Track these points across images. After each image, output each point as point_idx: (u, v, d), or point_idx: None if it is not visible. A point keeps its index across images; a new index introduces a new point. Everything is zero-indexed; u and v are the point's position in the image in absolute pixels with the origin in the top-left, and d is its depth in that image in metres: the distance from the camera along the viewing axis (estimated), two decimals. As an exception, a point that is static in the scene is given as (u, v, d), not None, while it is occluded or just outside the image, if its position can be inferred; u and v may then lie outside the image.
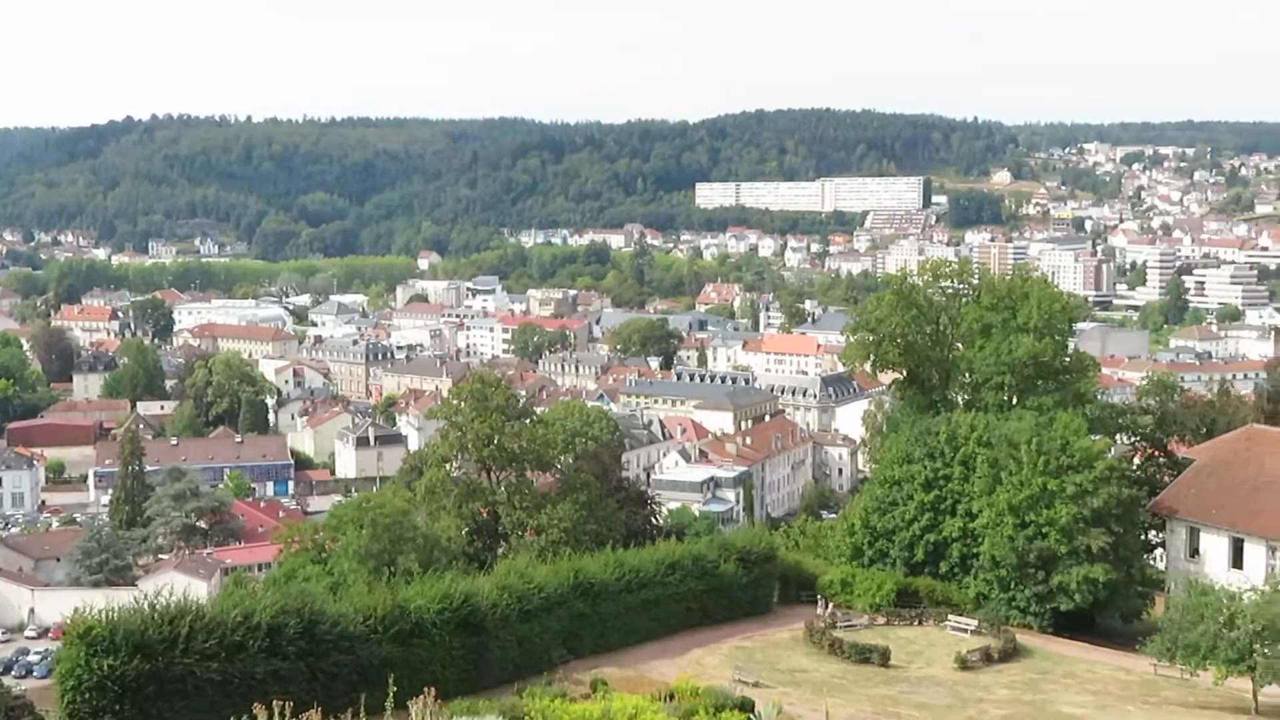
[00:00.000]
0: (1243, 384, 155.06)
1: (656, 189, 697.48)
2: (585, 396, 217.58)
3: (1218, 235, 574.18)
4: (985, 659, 55.22)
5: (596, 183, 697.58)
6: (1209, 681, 50.89)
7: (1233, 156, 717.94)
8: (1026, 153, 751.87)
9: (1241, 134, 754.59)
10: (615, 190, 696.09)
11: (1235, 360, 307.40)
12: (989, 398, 72.39)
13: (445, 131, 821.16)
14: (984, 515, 62.50)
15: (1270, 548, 63.14)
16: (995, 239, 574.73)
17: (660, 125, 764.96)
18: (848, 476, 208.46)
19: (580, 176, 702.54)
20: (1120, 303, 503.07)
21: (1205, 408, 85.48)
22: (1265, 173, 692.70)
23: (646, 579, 54.36)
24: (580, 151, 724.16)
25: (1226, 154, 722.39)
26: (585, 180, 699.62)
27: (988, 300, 75.15)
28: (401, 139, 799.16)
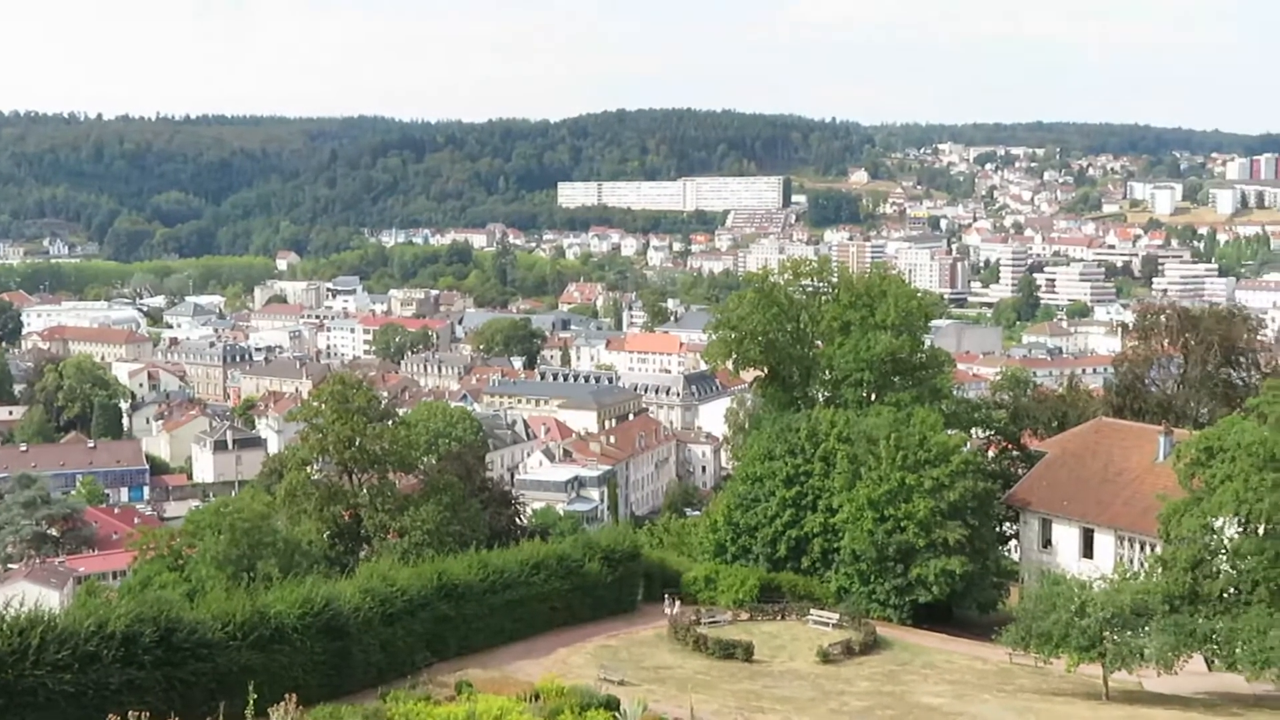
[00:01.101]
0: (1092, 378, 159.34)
1: (518, 188, 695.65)
2: (448, 397, 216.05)
3: (1067, 234, 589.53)
4: (846, 652, 55.97)
5: (458, 182, 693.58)
6: (1062, 669, 52.15)
7: (1080, 157, 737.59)
8: (883, 153, 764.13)
9: (1088, 135, 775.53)
10: (477, 189, 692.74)
11: (1085, 355, 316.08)
12: (848, 394, 73.39)
13: (303, 130, 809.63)
14: (844, 510, 63.38)
15: (1119, 537, 65.01)
16: (854, 238, 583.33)
17: (522, 124, 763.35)
18: (711, 474, 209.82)
19: (441, 176, 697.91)
20: (975, 300, 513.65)
21: (1056, 402, 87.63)
22: (1111, 173, 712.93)
23: (511, 579, 54.13)
24: (441, 150, 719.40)
25: (1074, 154, 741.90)
26: (447, 179, 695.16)
27: (846, 298, 76.15)
28: (258, 137, 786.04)
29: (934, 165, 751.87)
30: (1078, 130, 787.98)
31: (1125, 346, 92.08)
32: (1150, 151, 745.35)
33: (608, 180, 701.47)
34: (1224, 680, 53.96)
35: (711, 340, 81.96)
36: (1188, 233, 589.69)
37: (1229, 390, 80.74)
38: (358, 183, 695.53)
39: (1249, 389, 75.09)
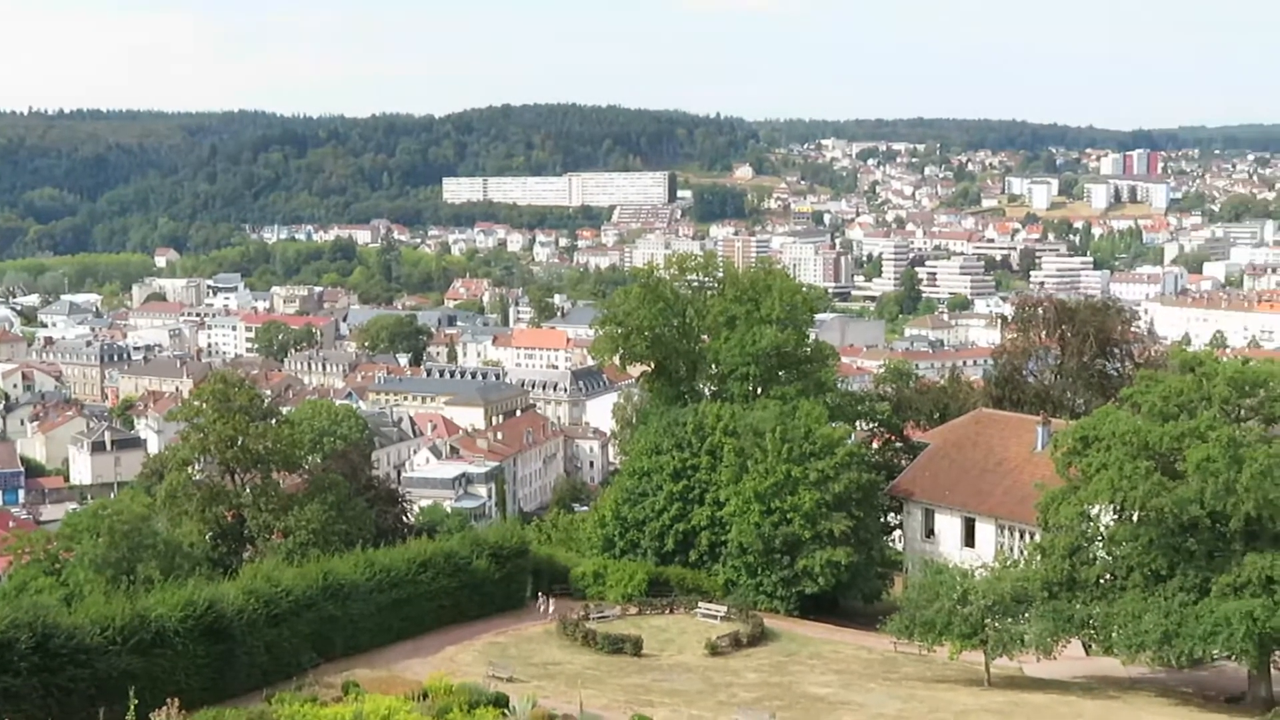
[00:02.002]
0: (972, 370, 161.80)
1: (403, 184, 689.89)
2: (333, 395, 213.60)
3: (947, 228, 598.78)
4: (734, 644, 56.39)
5: (341, 177, 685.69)
6: (945, 656, 53.03)
7: (960, 153, 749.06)
8: (767, 149, 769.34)
9: (968, 131, 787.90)
10: (361, 185, 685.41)
11: (965, 347, 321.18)
12: (734, 388, 73.85)
13: (181, 125, 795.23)
14: (731, 503, 63.77)
15: (999, 526, 66.18)
16: (739, 233, 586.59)
17: (406, 119, 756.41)
18: (599, 469, 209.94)
19: (324, 171, 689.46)
20: (858, 294, 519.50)
21: (938, 394, 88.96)
22: (990, 168, 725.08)
23: (398, 578, 53.82)
24: (324, 146, 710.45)
25: (954, 150, 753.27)
26: (330, 175, 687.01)
27: (732, 293, 76.60)
28: (135, 133, 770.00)
29: (817, 161, 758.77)
30: (957, 126, 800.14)
31: (1004, 338, 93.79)
32: (1027, 147, 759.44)
33: (493, 176, 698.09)
34: (1101, 664, 55.27)
35: (598, 336, 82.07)
36: (1064, 227, 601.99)
37: (1104, 381, 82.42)
38: (238, 178, 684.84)
39: (1123, 379, 76.82)
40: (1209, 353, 60.54)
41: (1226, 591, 47.14)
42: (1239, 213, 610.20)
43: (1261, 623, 45.79)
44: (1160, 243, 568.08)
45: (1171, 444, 48.88)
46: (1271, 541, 47.26)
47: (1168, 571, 49.37)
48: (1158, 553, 49.37)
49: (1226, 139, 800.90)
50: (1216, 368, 52.08)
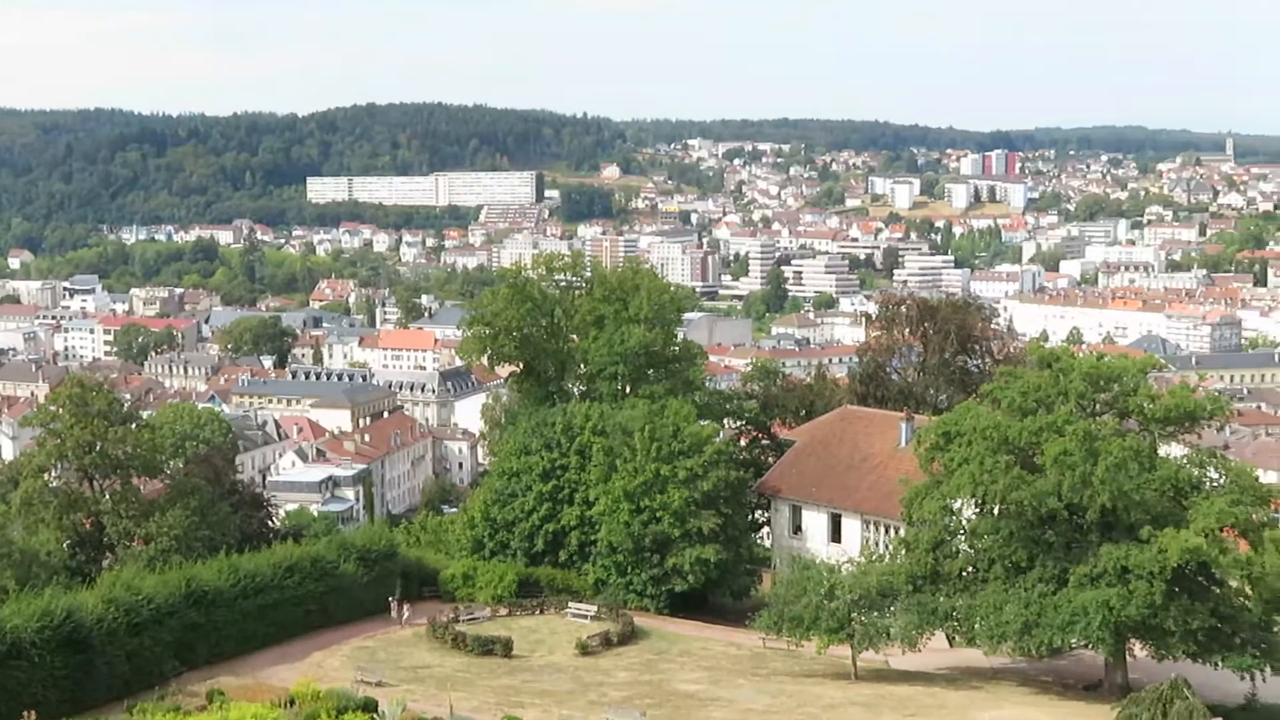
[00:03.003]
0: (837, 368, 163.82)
1: (266, 183, 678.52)
2: (195, 398, 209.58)
3: (812, 227, 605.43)
4: (605, 643, 56.49)
5: (202, 177, 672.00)
6: (813, 651, 53.68)
7: (824, 153, 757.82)
8: (634, 148, 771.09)
9: (832, 131, 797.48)
10: (222, 185, 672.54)
11: (831, 345, 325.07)
12: (603, 387, 73.94)
13: (35, 123, 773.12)
14: (601, 503, 63.86)
15: (865, 521, 67.12)
16: (607, 232, 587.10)
17: (268, 118, 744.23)
18: (468, 470, 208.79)
19: (185, 170, 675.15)
20: (726, 293, 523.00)
21: (804, 391, 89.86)
22: (854, 168, 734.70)
23: (263, 583, 53.09)
24: (184, 145, 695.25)
25: (819, 150, 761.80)
26: (190, 174, 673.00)
27: (600, 292, 76.70)
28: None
29: (684, 160, 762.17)
30: (821, 127, 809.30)
31: (869, 336, 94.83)
32: (889, 148, 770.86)
33: (358, 175, 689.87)
34: (964, 655, 56.33)
35: (466, 336, 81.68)
36: (925, 226, 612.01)
37: (965, 377, 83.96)
38: (95, 178, 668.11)
39: (983, 375, 78.25)
40: (1065, 349, 61.95)
41: (1084, 582, 48.31)
42: (1093, 212, 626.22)
43: (1117, 611, 47.01)
44: (1018, 241, 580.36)
45: (1030, 438, 49.96)
46: (1126, 532, 48.52)
47: (1027, 563, 50.46)
48: (1018, 545, 50.46)
49: (1081, 140, 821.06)
50: (1072, 363, 53.30)
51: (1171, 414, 51.65)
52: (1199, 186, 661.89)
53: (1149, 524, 47.90)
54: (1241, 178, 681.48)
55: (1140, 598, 46.75)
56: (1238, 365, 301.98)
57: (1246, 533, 49.25)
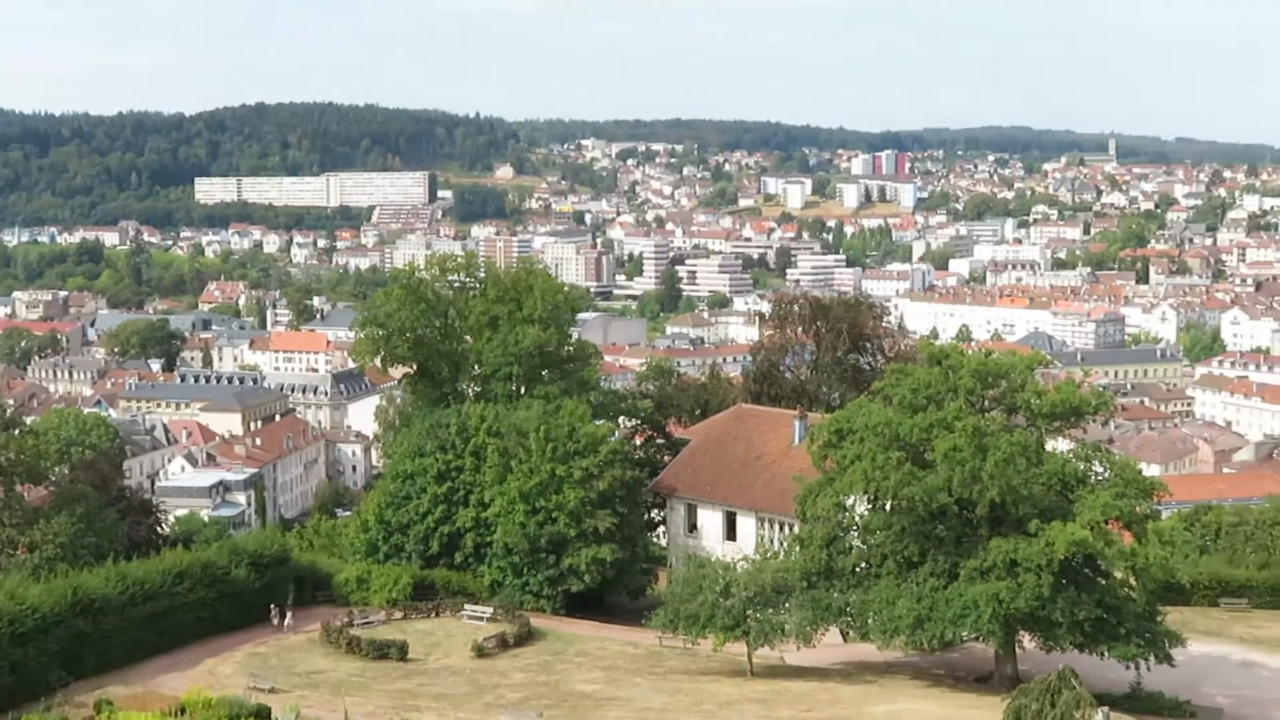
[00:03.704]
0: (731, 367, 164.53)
1: (153, 184, 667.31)
2: (81, 403, 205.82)
3: (706, 227, 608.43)
4: (501, 645, 56.33)
5: (87, 178, 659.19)
6: (709, 649, 53.93)
7: (717, 153, 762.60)
8: (528, 148, 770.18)
9: (724, 132, 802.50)
10: (108, 185, 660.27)
11: (725, 344, 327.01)
12: (498, 388, 73.64)
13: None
14: (496, 504, 63.60)
15: (760, 519, 67.52)
16: (500, 233, 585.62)
17: (155, 118, 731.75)
18: (362, 473, 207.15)
19: (68, 171, 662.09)
20: (620, 292, 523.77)
21: (699, 390, 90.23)
22: (746, 168, 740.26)
23: (152, 591, 52.25)
24: (68, 145, 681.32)
25: (711, 150, 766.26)
26: (74, 175, 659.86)
27: (494, 293, 76.39)
28: None
29: (578, 161, 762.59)
30: (714, 127, 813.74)
31: (762, 335, 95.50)
32: (781, 148, 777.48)
33: (248, 176, 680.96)
34: (858, 650, 56.96)
35: (359, 338, 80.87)
36: (817, 225, 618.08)
37: (857, 374, 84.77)
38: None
39: (875, 373, 79.03)
40: (955, 346, 62.83)
41: (974, 575, 49.02)
42: (981, 211, 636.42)
43: (1006, 604, 47.78)
44: (908, 240, 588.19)
45: (921, 435, 50.56)
46: (1014, 526, 49.34)
47: (919, 558, 51.11)
48: (910, 540, 51.09)
49: (968, 140, 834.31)
50: (962, 360, 54.05)
51: (1058, 409, 52.62)
52: (1083, 186, 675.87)
53: (1037, 518, 48.74)
54: (1124, 177, 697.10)
55: (1029, 590, 47.55)
56: (1121, 361, 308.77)
57: (1130, 525, 50.29)
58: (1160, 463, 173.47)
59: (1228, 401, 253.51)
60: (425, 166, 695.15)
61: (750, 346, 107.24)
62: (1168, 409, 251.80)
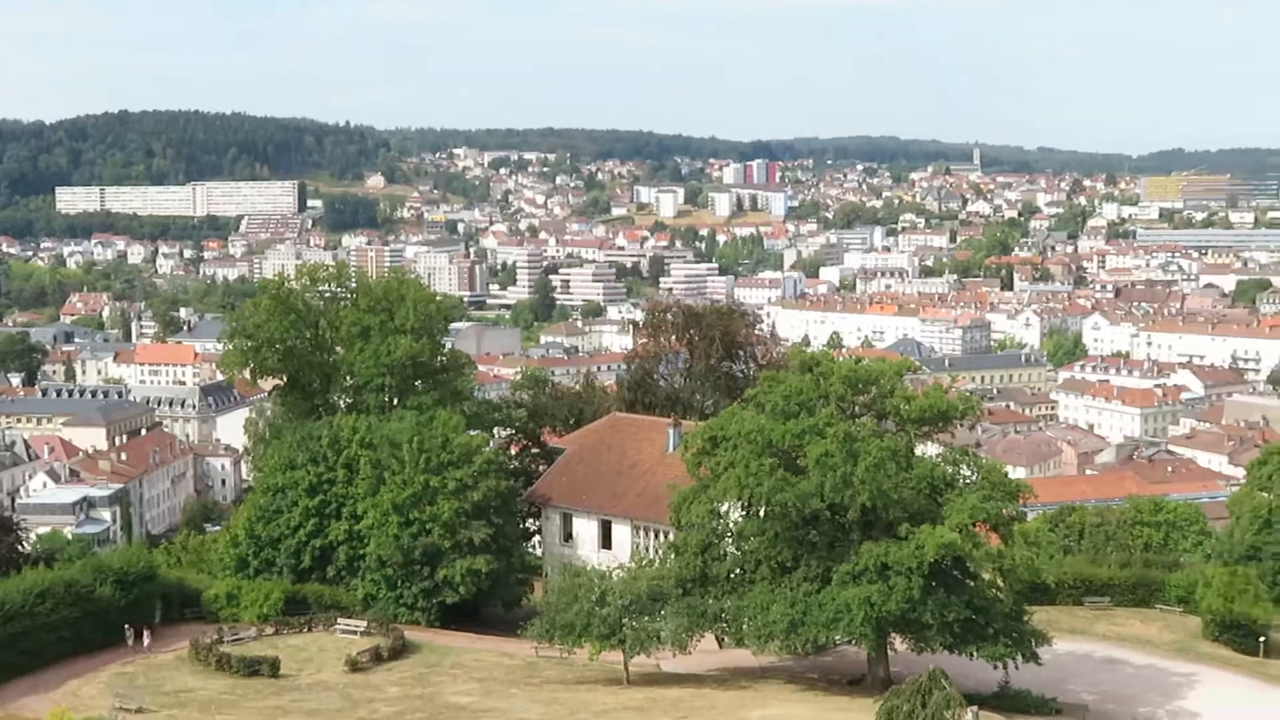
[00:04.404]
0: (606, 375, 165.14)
1: (11, 193, 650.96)
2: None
3: (579, 236, 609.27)
4: (375, 658, 55.75)
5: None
6: (585, 658, 53.89)
7: (590, 162, 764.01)
8: (399, 157, 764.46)
9: (597, 141, 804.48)
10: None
11: (599, 353, 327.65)
12: (370, 399, 72.98)
13: None
14: (369, 516, 62.95)
15: (635, 527, 67.64)
16: (372, 242, 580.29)
17: (13, 125, 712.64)
18: (231, 487, 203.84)
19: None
20: (494, 302, 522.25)
21: (573, 399, 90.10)
22: (619, 177, 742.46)
23: (13, 611, 50.93)
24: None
25: (584, 159, 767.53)
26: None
27: (365, 303, 75.69)
28: None
29: (450, 170, 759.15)
30: (587, 136, 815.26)
31: (636, 344, 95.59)
32: (654, 157, 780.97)
33: (111, 185, 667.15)
34: (734, 655, 57.32)
35: (227, 350, 79.64)
36: (690, 234, 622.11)
37: (730, 382, 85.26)
38: None
39: (748, 380, 79.59)
40: (826, 353, 63.64)
41: (846, 579, 49.58)
42: (850, 220, 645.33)
43: (878, 607, 48.39)
44: (780, 249, 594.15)
45: (793, 441, 51.04)
46: (885, 530, 50.00)
47: (793, 563, 51.56)
48: (783, 545, 51.52)
49: (838, 150, 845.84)
50: (833, 367, 54.71)
51: (926, 414, 53.45)
52: (949, 195, 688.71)
53: (907, 521, 49.43)
54: (988, 186, 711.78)
55: (900, 593, 48.21)
56: (987, 366, 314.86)
57: (997, 527, 51.30)
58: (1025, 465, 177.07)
59: (1089, 405, 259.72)
60: (294, 176, 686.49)
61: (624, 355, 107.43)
62: (1032, 413, 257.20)
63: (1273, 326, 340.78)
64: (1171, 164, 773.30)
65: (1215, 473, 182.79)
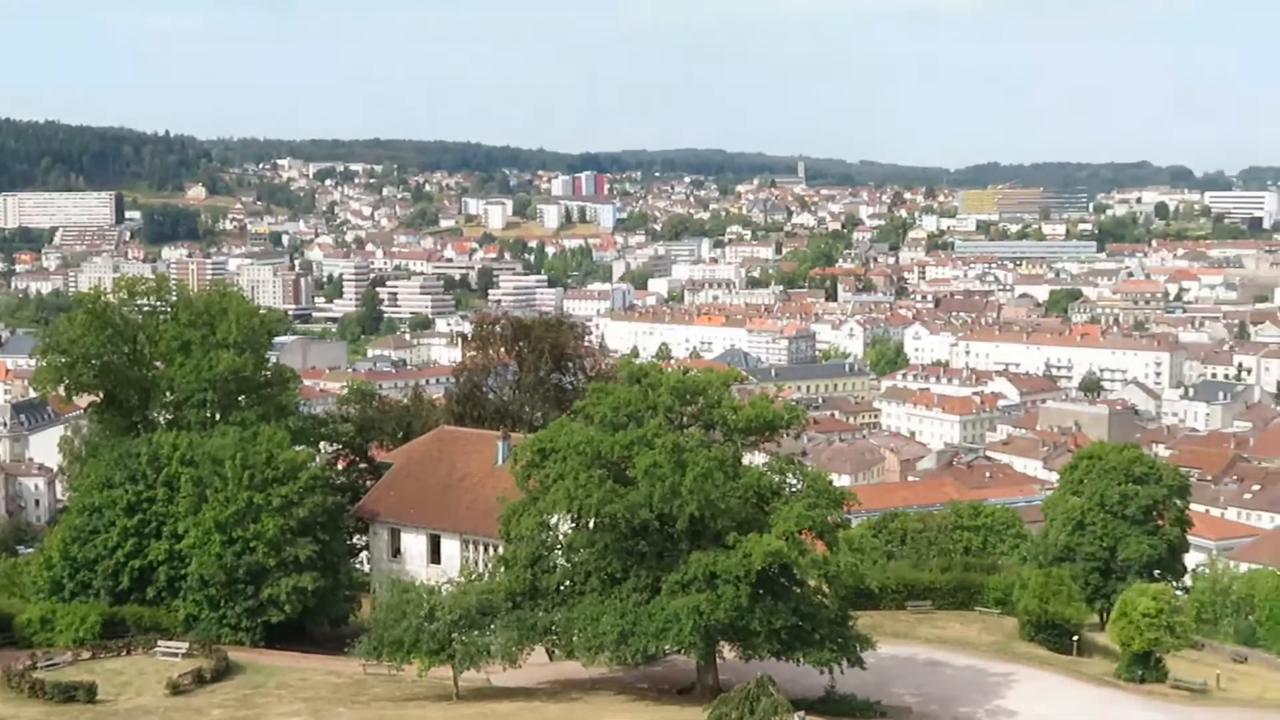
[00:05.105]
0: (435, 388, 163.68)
1: None
2: None
3: (407, 248, 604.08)
4: (198, 681, 54.47)
5: None
6: (414, 674, 53.36)
7: (417, 173, 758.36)
8: (221, 168, 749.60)
9: (424, 152, 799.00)
10: None
11: (428, 366, 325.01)
12: (192, 416, 71.31)
13: None
14: (191, 535, 61.47)
15: (464, 541, 67.26)
16: (193, 255, 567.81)
17: None
18: (46, 508, 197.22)
19: None
20: (320, 315, 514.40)
21: (401, 413, 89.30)
22: (447, 189, 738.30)
23: None
24: None
25: (411, 171, 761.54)
26: None
27: (186, 317, 73.93)
28: None
29: (274, 181, 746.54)
30: (414, 147, 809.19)
31: (464, 356, 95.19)
32: (482, 169, 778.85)
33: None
34: (564, 668, 57.30)
35: (40, 366, 77.07)
36: (519, 246, 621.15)
37: (559, 394, 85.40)
38: None
39: (577, 392, 79.72)
40: (654, 364, 64.02)
41: (675, 589, 49.96)
42: (678, 231, 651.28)
43: (707, 616, 48.86)
44: (609, 260, 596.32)
45: (622, 452, 51.27)
46: (714, 539, 50.47)
47: (622, 574, 51.78)
48: (613, 556, 51.71)
49: (665, 162, 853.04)
50: (661, 378, 55.10)
51: (753, 424, 54.17)
52: (774, 207, 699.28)
53: (734, 530, 49.98)
54: (812, 199, 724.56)
55: (728, 601, 48.73)
56: (812, 376, 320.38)
57: (823, 534, 52.19)
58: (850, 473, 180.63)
59: (911, 413, 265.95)
60: (111, 186, 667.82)
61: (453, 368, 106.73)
62: (856, 421, 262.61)
63: (1084, 335, 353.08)
64: (987, 178, 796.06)
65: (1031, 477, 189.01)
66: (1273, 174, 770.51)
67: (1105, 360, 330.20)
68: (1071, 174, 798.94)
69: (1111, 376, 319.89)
